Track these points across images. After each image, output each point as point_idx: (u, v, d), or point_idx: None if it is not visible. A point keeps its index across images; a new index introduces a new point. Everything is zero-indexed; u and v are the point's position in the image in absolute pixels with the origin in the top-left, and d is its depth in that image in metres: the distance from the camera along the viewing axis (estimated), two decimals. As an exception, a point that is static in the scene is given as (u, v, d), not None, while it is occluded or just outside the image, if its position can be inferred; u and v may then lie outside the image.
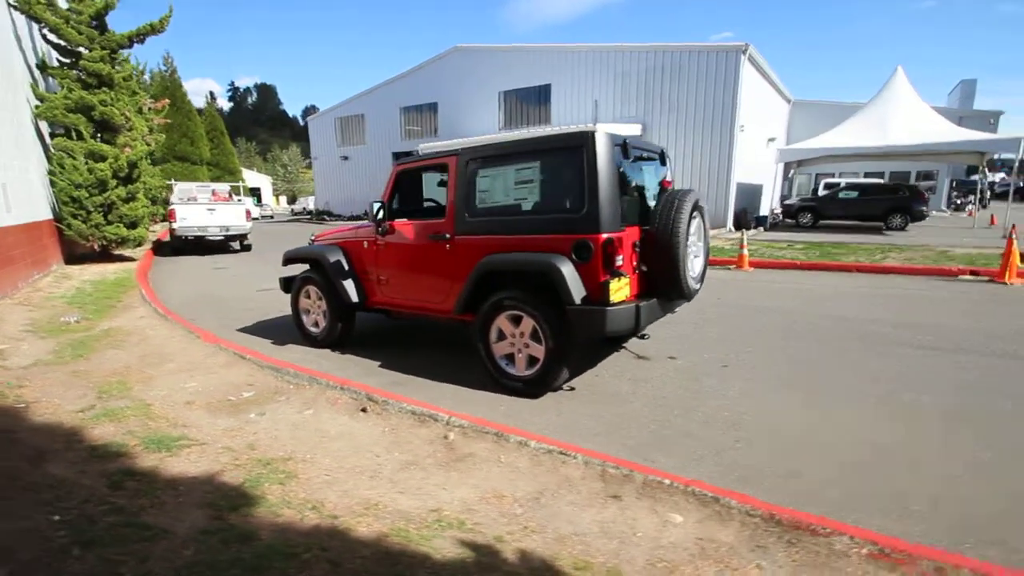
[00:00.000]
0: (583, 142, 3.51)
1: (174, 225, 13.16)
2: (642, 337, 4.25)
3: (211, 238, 13.68)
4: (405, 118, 25.94)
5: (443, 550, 2.05)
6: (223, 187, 16.08)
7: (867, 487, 2.52)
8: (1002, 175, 33.73)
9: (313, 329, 5.34)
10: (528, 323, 3.76)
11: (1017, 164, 14.29)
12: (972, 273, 8.00)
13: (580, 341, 3.70)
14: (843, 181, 21.26)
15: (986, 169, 19.18)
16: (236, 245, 14.60)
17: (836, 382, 3.97)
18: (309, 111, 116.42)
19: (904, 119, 16.57)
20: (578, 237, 3.52)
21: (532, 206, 3.82)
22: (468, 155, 4.08)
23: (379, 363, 4.70)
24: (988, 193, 23.70)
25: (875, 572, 1.91)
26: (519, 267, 3.70)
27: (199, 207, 13.50)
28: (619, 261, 3.50)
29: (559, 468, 2.68)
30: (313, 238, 5.63)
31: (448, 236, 4.16)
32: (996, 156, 20.92)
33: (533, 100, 21.35)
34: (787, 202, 19.72)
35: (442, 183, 5.73)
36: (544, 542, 2.13)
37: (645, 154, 4.22)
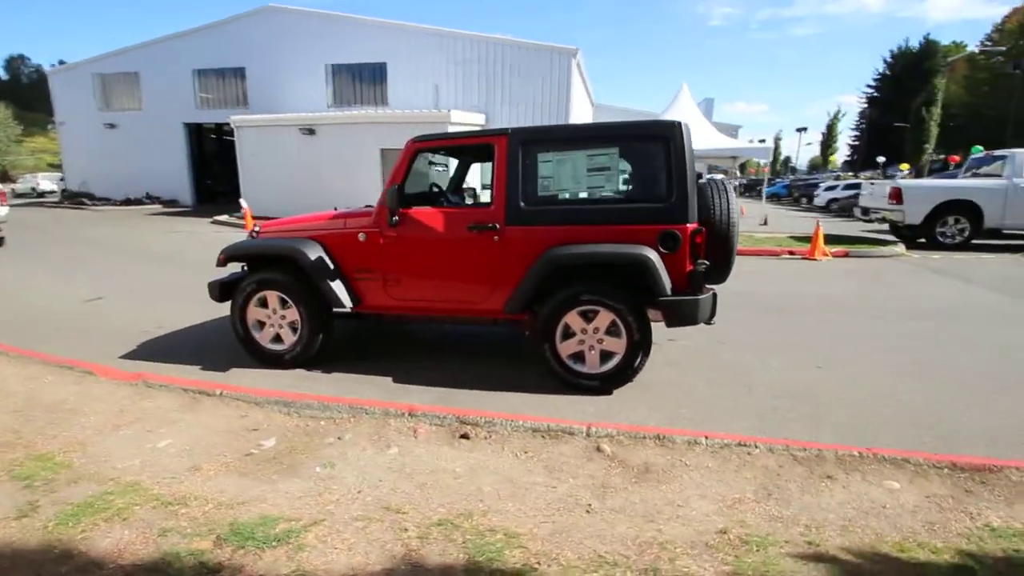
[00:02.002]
0: (672, 131, 3.45)
1: None
2: (709, 323, 4.10)
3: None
4: (201, 83, 21.56)
5: (800, 571, 1.87)
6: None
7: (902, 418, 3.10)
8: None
9: (273, 346, 4.17)
10: (605, 318, 3.58)
11: (769, 165, 18.64)
12: (790, 253, 10.25)
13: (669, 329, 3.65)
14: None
15: (738, 171, 24.60)
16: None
17: (802, 348, 4.71)
18: (16, 60, 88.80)
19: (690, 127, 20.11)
20: (665, 227, 3.47)
21: (608, 195, 3.61)
22: (523, 136, 3.64)
23: (390, 378, 3.93)
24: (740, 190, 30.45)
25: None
26: (604, 260, 3.47)
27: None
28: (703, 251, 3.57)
29: (752, 461, 2.66)
30: (258, 231, 4.36)
31: (496, 226, 3.67)
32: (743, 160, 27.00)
33: (367, 78, 19.85)
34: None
35: (437, 164, 5.06)
36: (842, 534, 2.09)
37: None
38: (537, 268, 3.56)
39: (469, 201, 5.35)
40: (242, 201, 16.06)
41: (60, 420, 3.11)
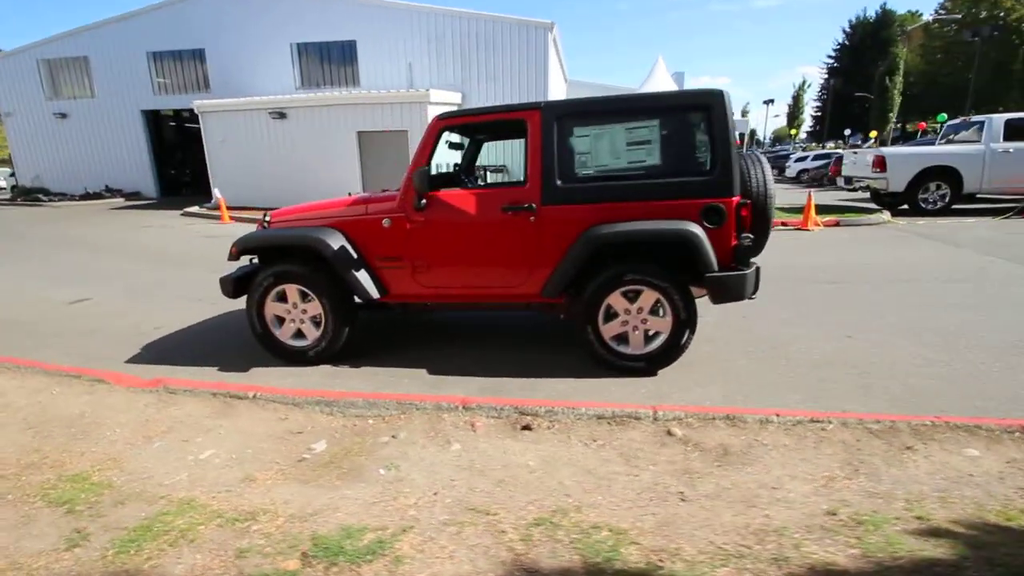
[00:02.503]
0: (714, 101, 3.32)
1: None
2: (752, 297, 3.94)
3: None
4: (157, 66, 20.34)
5: (925, 548, 1.83)
6: None
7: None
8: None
9: (296, 342, 3.95)
10: (649, 297, 3.48)
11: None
12: (783, 224, 10.36)
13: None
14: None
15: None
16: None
17: (825, 318, 4.74)
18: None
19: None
20: (709, 201, 3.37)
21: (648, 169, 3.48)
22: (558, 111, 3.46)
23: (424, 369, 3.77)
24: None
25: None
26: (649, 237, 3.35)
27: None
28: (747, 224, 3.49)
29: (828, 436, 2.62)
30: (268, 220, 4.08)
31: (533, 207, 3.51)
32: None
33: (336, 58, 19.05)
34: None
35: (454, 146, 4.83)
36: (943, 507, 2.06)
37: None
38: (578, 249, 3.43)
39: (495, 179, 5.16)
40: (215, 191, 15.36)
41: (82, 435, 2.86)
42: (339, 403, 3.12)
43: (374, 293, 3.78)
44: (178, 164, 23.57)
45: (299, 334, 3.97)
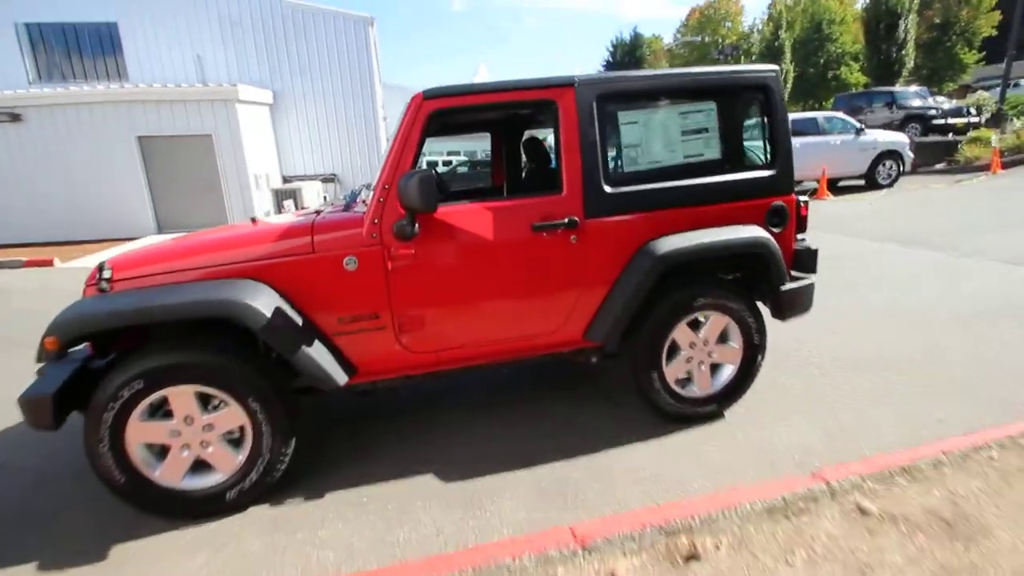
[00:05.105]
0: (772, 80, 2.74)
1: None
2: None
3: None
4: None
5: None
6: None
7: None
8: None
9: (197, 482, 2.30)
10: (718, 323, 2.78)
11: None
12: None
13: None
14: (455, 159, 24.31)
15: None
16: None
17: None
18: None
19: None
20: (773, 200, 2.80)
21: (708, 165, 2.74)
22: (599, 88, 2.51)
23: (430, 474, 2.49)
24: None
25: None
26: (721, 251, 2.62)
27: None
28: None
29: (1004, 466, 2.20)
30: (108, 277, 2.27)
31: (575, 221, 2.51)
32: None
33: (92, 44, 14.67)
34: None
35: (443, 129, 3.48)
36: None
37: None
38: (639, 272, 2.54)
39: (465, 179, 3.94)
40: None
41: None
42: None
43: (338, 376, 2.36)
44: None
45: (202, 467, 2.32)
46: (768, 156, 2.81)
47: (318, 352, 2.31)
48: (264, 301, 2.20)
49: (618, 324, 2.60)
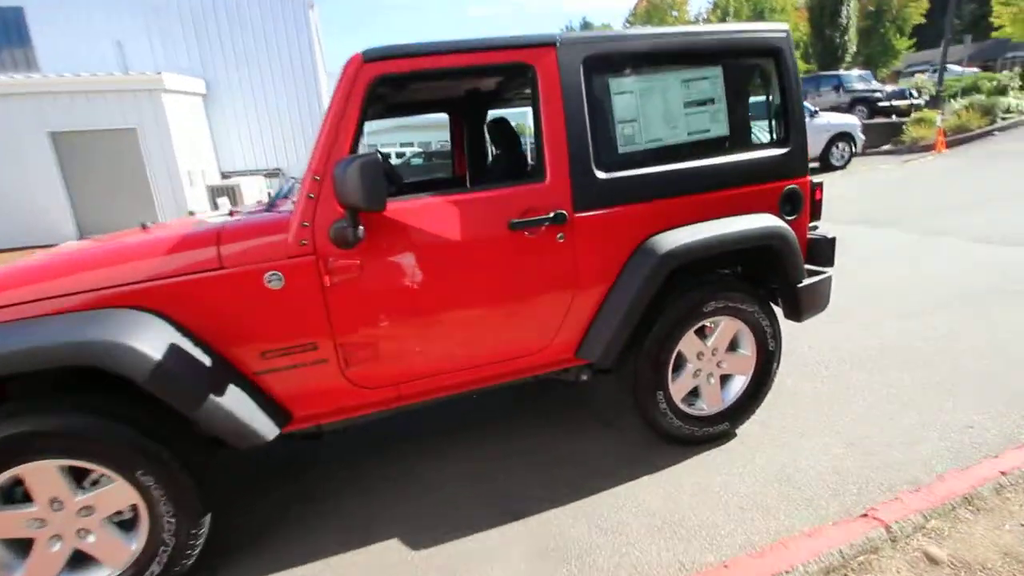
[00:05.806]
0: (783, 43, 2.32)
1: None
2: None
3: None
4: None
5: None
6: None
7: None
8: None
9: (75, 583, 1.70)
10: (729, 329, 2.37)
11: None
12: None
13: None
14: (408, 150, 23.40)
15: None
16: None
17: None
18: None
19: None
20: (787, 183, 2.40)
21: (715, 143, 2.30)
22: (586, 50, 2.01)
23: (399, 540, 1.98)
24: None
25: None
26: (733, 244, 2.20)
27: None
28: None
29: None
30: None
31: (563, 215, 2.02)
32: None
33: (-8, 31, 13.04)
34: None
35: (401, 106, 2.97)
36: None
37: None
38: (640, 273, 2.09)
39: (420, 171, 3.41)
40: None
41: None
42: None
43: (265, 429, 1.80)
44: None
45: (79, 562, 1.71)
46: (781, 132, 2.41)
47: (235, 401, 1.74)
48: (150, 338, 1.61)
49: (617, 338, 2.14)
